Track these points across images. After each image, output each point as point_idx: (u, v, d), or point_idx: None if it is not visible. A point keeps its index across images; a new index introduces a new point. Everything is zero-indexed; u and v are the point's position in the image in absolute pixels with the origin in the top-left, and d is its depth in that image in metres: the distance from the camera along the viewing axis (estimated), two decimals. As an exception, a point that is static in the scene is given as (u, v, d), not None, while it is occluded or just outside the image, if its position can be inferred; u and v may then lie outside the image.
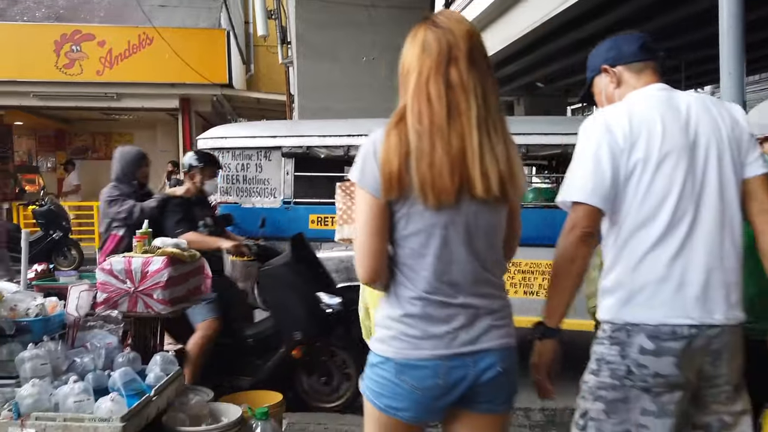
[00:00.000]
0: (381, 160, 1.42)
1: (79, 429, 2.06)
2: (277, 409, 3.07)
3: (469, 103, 1.42)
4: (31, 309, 2.51)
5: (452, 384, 1.47)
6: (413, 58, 1.46)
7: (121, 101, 11.76)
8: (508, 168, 1.45)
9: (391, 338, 1.49)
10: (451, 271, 1.47)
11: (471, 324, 1.48)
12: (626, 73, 1.76)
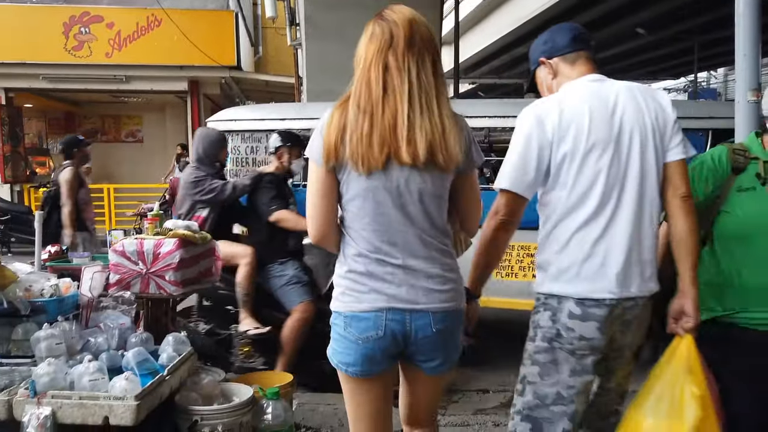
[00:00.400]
0: (324, 135, 1.64)
1: (95, 407, 2.09)
2: (288, 389, 3.11)
3: (402, 82, 1.61)
4: (46, 289, 2.55)
5: (390, 336, 1.65)
6: (362, 48, 1.68)
7: (130, 83, 11.77)
8: (441, 138, 1.61)
9: (341, 294, 1.71)
10: (389, 233, 1.65)
11: (410, 284, 1.65)
12: (561, 64, 1.90)
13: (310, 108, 4.95)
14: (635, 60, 19.27)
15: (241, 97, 15.07)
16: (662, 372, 1.79)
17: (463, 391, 3.87)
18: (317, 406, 3.51)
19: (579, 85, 1.84)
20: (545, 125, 1.76)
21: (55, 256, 3.00)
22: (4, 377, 2.25)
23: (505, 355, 4.66)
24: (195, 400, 2.50)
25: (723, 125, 3.91)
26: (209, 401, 2.56)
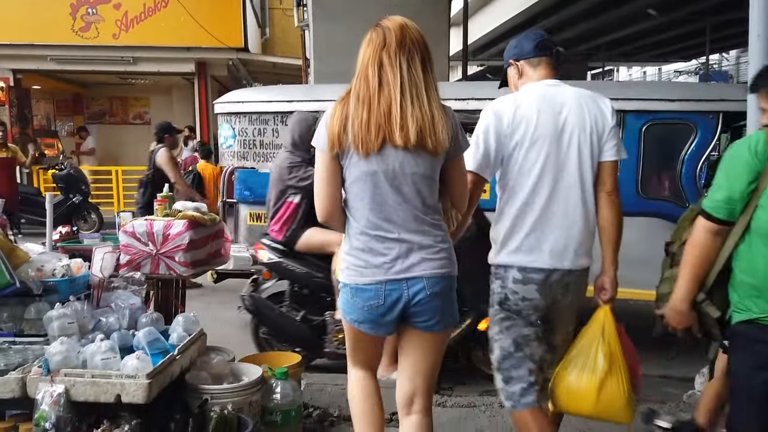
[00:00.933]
0: (328, 126, 1.88)
1: (107, 385, 2.13)
2: (296, 369, 3.14)
3: (395, 77, 1.85)
4: (57, 270, 2.58)
5: (390, 304, 1.90)
6: (361, 51, 1.93)
7: (138, 65, 11.75)
8: (430, 124, 1.85)
9: (346, 268, 1.96)
10: (386, 211, 1.88)
11: (406, 256, 1.89)
12: (526, 67, 2.24)
13: (318, 90, 4.93)
14: (645, 42, 19.01)
15: (248, 78, 15.02)
16: (583, 335, 2.19)
17: (470, 373, 3.89)
18: (325, 386, 3.55)
19: (535, 87, 2.19)
20: (503, 119, 2.12)
21: (66, 237, 3.03)
22: (17, 355, 2.29)
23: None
24: (205, 379, 2.54)
25: (735, 108, 3.87)
26: (219, 380, 2.60)
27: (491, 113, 2.14)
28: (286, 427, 2.66)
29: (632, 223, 3.94)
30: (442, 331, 1.99)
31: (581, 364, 2.15)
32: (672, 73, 28.50)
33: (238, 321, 5.06)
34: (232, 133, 4.66)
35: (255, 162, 4.64)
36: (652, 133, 3.99)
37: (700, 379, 3.48)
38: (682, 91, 3.86)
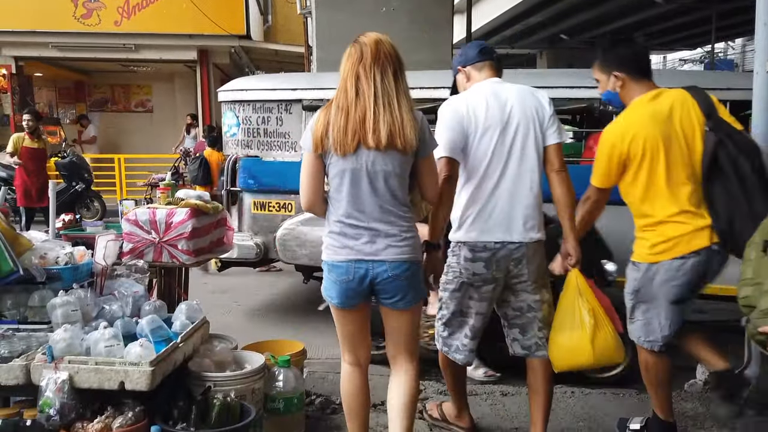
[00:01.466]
0: (313, 131, 2.18)
1: (111, 372, 2.14)
2: (299, 357, 3.15)
3: (369, 87, 2.12)
4: (61, 257, 2.58)
5: (358, 279, 2.20)
6: (342, 66, 2.21)
7: (139, 53, 11.71)
8: (400, 127, 2.11)
9: (325, 248, 2.27)
10: (359, 203, 2.17)
11: (373, 241, 2.18)
12: (473, 71, 2.58)
13: (322, 78, 4.89)
14: (650, 30, 18.85)
15: (250, 66, 14.95)
16: (563, 300, 2.46)
17: (472, 361, 3.91)
18: (327, 375, 3.57)
19: (483, 85, 2.52)
20: (459, 111, 2.44)
21: (69, 224, 3.03)
22: (21, 342, 2.30)
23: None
24: (208, 367, 2.55)
25: (741, 97, 3.83)
26: (222, 368, 2.61)
27: (450, 109, 2.47)
28: (289, 415, 2.67)
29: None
30: (406, 308, 2.29)
31: (570, 325, 2.40)
32: (677, 61, 28.29)
33: (240, 309, 5.09)
34: (236, 121, 4.63)
35: (259, 150, 4.59)
36: None
37: (701, 368, 3.49)
38: (689, 80, 3.78)
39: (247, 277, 5.03)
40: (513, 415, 3.09)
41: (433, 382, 3.47)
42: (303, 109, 4.48)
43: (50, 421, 2.08)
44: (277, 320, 4.81)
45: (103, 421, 2.13)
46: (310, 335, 4.08)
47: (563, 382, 3.59)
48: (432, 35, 8.41)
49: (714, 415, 3.03)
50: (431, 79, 4.45)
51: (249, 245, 4.41)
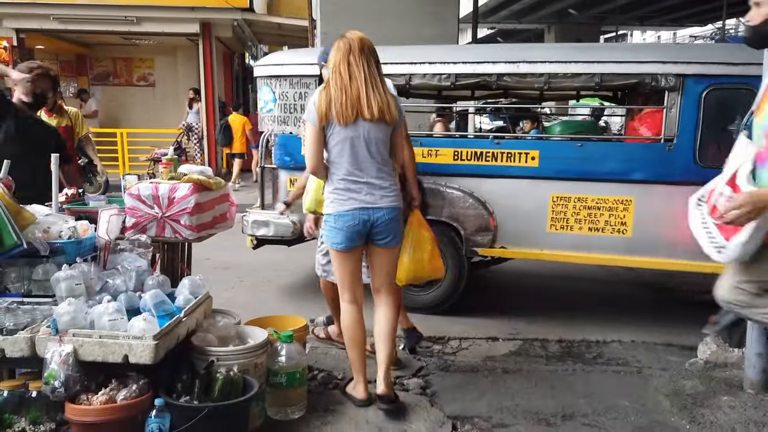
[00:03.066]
0: (317, 106, 2.69)
1: (115, 345, 2.15)
2: (302, 333, 3.18)
3: (360, 73, 2.68)
4: (64, 231, 2.58)
5: (362, 224, 2.74)
6: (333, 55, 2.74)
7: (141, 25, 11.56)
8: (386, 105, 2.70)
9: (330, 202, 2.78)
10: (358, 163, 2.72)
11: (372, 193, 2.74)
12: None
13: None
14: (660, 5, 18.55)
15: (253, 40, 14.79)
16: (408, 233, 3.07)
17: (473, 339, 3.93)
18: (329, 350, 3.59)
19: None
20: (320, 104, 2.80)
21: (72, 198, 3.02)
22: (26, 315, 2.32)
23: (515, 304, 4.71)
24: (211, 342, 2.57)
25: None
26: (225, 343, 2.63)
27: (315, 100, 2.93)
28: (291, 389, 2.69)
29: (688, 193, 3.85)
30: (394, 246, 2.89)
31: (413, 248, 3.09)
32: (687, 37, 27.87)
33: (243, 285, 5.11)
34: (272, 96, 4.50)
35: (295, 127, 4.47)
36: (712, 98, 3.81)
37: (703, 347, 3.50)
38: (745, 55, 3.63)
39: (250, 254, 5.03)
40: (514, 391, 3.11)
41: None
42: None
43: (55, 392, 2.10)
44: (279, 296, 4.83)
45: (107, 393, 2.15)
46: (313, 311, 4.10)
47: (564, 360, 3.61)
48: (438, 10, 8.29)
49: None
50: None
51: (286, 223, 4.35)
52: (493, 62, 4.18)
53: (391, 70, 4.28)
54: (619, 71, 4.00)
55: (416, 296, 4.39)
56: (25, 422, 2.20)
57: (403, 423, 2.72)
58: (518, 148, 4.15)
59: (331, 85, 2.68)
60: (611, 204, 4.00)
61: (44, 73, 3.53)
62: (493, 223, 4.17)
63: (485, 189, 4.16)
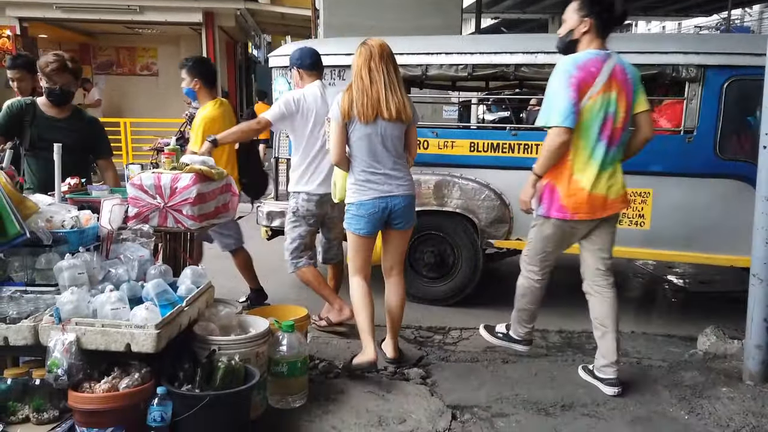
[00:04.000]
0: (340, 105, 3.02)
1: (117, 334, 2.17)
2: (303, 322, 3.19)
3: (380, 77, 3.00)
4: (67, 221, 2.59)
5: (381, 211, 3.07)
6: (354, 60, 3.06)
7: (144, 14, 11.55)
8: (402, 105, 3.01)
9: (353, 193, 3.10)
10: (376, 156, 3.04)
11: (389, 183, 3.06)
12: (305, 74, 3.64)
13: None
14: (666, -5, 18.40)
15: (256, 30, 14.76)
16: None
17: (474, 329, 3.94)
18: (331, 340, 3.61)
19: (313, 86, 3.59)
20: (301, 100, 3.51)
21: (75, 188, 3.04)
22: (29, 304, 2.33)
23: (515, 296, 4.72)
24: (213, 331, 2.58)
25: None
26: (227, 332, 2.65)
27: (294, 95, 3.52)
28: (292, 378, 2.72)
29: (709, 185, 3.85)
30: (408, 229, 3.22)
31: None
32: (692, 28, 27.65)
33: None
34: (287, 87, 4.44)
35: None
36: (734, 89, 3.76)
37: (703, 338, 3.51)
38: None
39: (253, 243, 5.04)
40: (513, 381, 3.13)
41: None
42: None
43: (58, 380, 2.12)
44: (281, 286, 4.85)
45: (110, 382, 2.17)
46: (315, 301, 4.12)
47: (564, 351, 3.63)
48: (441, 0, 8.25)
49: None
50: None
51: None
52: (511, 53, 4.15)
53: (407, 60, 4.28)
54: (639, 62, 3.89)
55: (429, 288, 4.40)
56: (29, 410, 2.23)
57: (402, 410, 2.75)
58: (535, 139, 4.11)
59: (354, 87, 3.01)
60: (629, 196, 3.95)
61: (60, 67, 3.30)
62: (509, 214, 4.16)
63: (501, 180, 4.13)
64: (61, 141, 3.21)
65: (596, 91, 2.76)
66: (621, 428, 2.67)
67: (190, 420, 2.19)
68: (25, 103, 3.35)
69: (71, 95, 3.42)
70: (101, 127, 3.61)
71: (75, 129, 3.38)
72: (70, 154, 3.22)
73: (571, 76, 2.74)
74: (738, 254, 3.71)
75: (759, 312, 3.00)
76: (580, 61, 2.78)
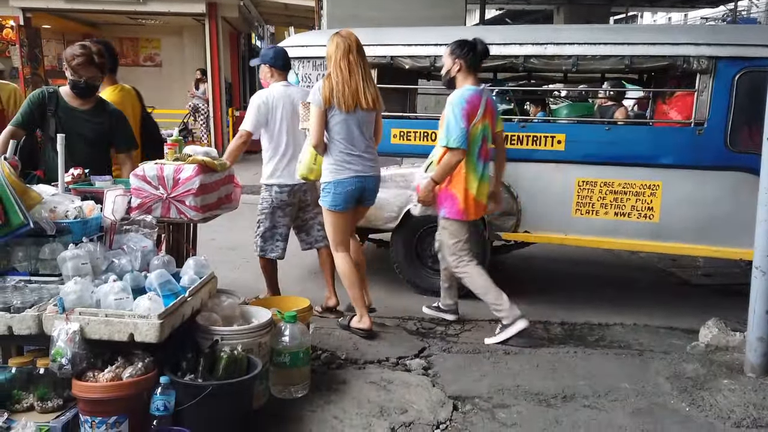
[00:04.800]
0: (321, 92, 3.27)
1: (120, 324, 2.18)
2: (305, 313, 3.21)
3: (358, 69, 3.29)
4: (70, 211, 2.60)
5: (356, 189, 3.38)
6: (332, 51, 3.30)
7: (147, 5, 11.51)
8: (376, 95, 3.35)
9: (330, 173, 3.37)
10: (353, 141, 3.34)
11: (363, 163, 3.37)
12: (275, 72, 3.82)
13: (385, 34, 4.56)
14: (672, -14, 18.24)
15: (259, 20, 14.72)
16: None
17: (476, 321, 3.95)
18: (333, 331, 3.63)
19: (278, 85, 3.79)
20: (268, 101, 3.72)
21: (78, 179, 3.04)
22: (33, 294, 2.35)
23: (518, 288, 4.73)
24: (216, 321, 2.59)
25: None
26: (229, 322, 2.66)
27: (262, 95, 3.74)
28: (294, 368, 2.73)
29: (719, 178, 3.83)
30: (372, 204, 3.61)
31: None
32: (699, 19, 27.44)
33: (248, 266, 5.14)
34: (295, 79, 4.43)
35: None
36: (745, 81, 3.73)
37: (705, 330, 3.51)
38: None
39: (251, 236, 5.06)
40: (515, 372, 3.14)
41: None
42: None
43: (62, 370, 2.14)
44: (284, 277, 4.86)
45: (113, 371, 2.19)
46: (317, 292, 4.13)
47: (566, 342, 3.63)
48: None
49: None
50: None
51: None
52: (520, 44, 4.13)
53: (415, 51, 4.29)
54: (649, 53, 3.91)
55: (435, 280, 4.35)
56: (33, 398, 2.24)
57: (404, 401, 2.76)
58: (544, 131, 4.11)
59: (333, 77, 3.25)
60: (638, 189, 3.96)
61: (86, 62, 3.20)
62: (517, 207, 4.15)
63: (510, 173, 4.11)
64: (83, 133, 3.23)
65: (478, 119, 3.45)
66: (622, 419, 2.68)
67: (193, 409, 2.21)
68: (48, 91, 3.29)
69: (96, 88, 3.35)
70: (125, 120, 3.50)
71: (97, 121, 3.32)
72: (90, 146, 3.24)
73: (462, 108, 3.39)
74: (748, 248, 3.70)
75: (761, 304, 3.00)
76: (467, 96, 3.42)
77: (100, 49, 3.31)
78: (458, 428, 2.59)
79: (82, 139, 3.21)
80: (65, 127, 3.18)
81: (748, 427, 2.62)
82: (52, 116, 3.23)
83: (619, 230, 4.01)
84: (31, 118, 3.24)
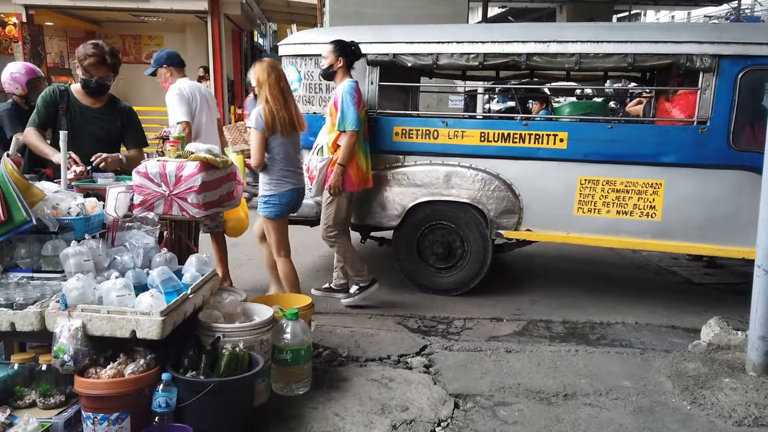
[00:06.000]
0: (263, 118, 3.55)
1: (122, 321, 2.19)
2: (307, 311, 3.21)
3: (290, 96, 3.67)
4: (72, 208, 2.60)
5: (295, 198, 3.76)
6: (263, 78, 3.59)
7: (150, 2, 11.52)
8: (303, 119, 3.76)
9: (272, 187, 3.67)
10: (291, 159, 3.69)
11: (297, 177, 3.75)
12: (174, 70, 4.21)
13: (387, 31, 4.55)
14: (676, -16, 18.16)
15: (262, 18, 14.71)
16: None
17: (478, 319, 3.95)
18: (335, 328, 3.63)
19: (183, 80, 4.18)
20: (182, 91, 4.08)
21: (80, 176, 3.05)
22: (36, 291, 2.35)
23: (520, 285, 4.73)
24: (217, 318, 2.60)
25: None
26: (231, 320, 2.66)
27: (176, 89, 4.08)
28: (296, 366, 2.74)
29: (722, 176, 3.81)
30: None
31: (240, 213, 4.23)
32: (702, 17, 27.35)
33: (250, 263, 5.15)
34: (297, 76, 4.48)
35: (321, 107, 4.46)
36: (749, 80, 3.73)
37: (706, 329, 3.51)
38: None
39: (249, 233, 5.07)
40: (516, 371, 3.14)
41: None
42: (367, 64, 4.30)
43: (64, 366, 2.15)
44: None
45: (115, 368, 2.19)
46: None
47: (568, 341, 3.63)
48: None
49: None
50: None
51: (309, 204, 4.32)
52: (522, 41, 4.11)
53: (418, 49, 4.28)
54: (652, 51, 3.89)
55: (438, 278, 4.40)
56: (36, 394, 2.25)
57: (405, 398, 2.76)
58: (546, 129, 4.09)
59: (272, 104, 3.56)
60: (640, 187, 3.95)
61: (98, 62, 3.20)
62: (519, 205, 4.15)
63: (512, 171, 4.11)
64: (93, 131, 3.23)
65: (361, 107, 3.99)
66: (623, 418, 2.68)
67: (195, 406, 2.22)
68: (59, 89, 3.28)
69: (107, 88, 3.33)
70: (135, 117, 3.49)
71: (108, 120, 3.32)
72: (100, 144, 3.23)
73: (353, 96, 3.91)
74: (751, 246, 3.70)
75: (763, 303, 2.99)
76: (354, 87, 3.97)
77: (112, 49, 3.30)
78: (459, 426, 2.59)
79: (93, 138, 3.22)
80: (76, 126, 3.19)
81: (750, 426, 2.62)
82: (64, 115, 3.23)
83: (621, 229, 4.01)
84: (47, 116, 3.24)
